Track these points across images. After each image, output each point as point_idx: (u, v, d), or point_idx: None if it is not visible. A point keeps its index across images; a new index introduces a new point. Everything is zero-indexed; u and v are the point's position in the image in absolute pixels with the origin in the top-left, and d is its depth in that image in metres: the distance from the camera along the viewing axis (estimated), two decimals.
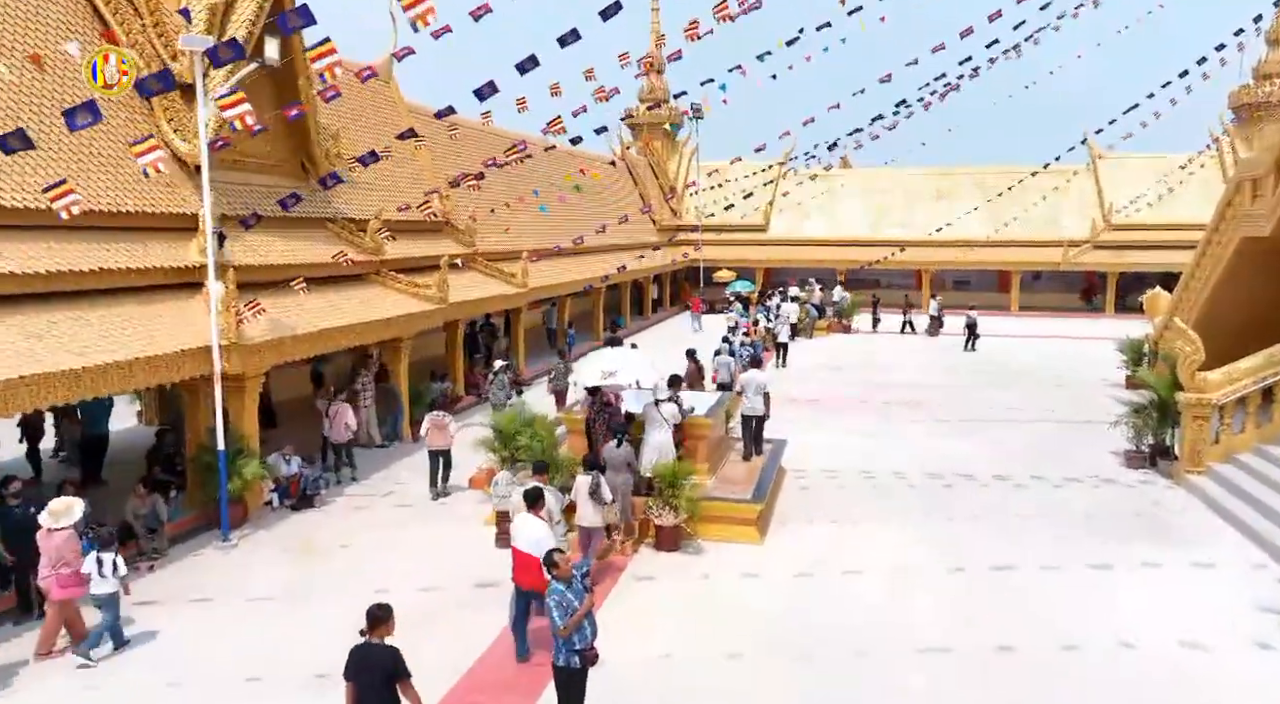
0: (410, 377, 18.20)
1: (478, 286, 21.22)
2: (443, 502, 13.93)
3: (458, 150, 25.16)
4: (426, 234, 21.03)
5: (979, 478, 15.44)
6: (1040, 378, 25.28)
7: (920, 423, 19.62)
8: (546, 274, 26.88)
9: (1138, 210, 39.66)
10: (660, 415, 12.44)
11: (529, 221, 28.71)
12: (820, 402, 22.07)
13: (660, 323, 40.10)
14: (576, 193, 26.20)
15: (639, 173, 46.36)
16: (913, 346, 31.84)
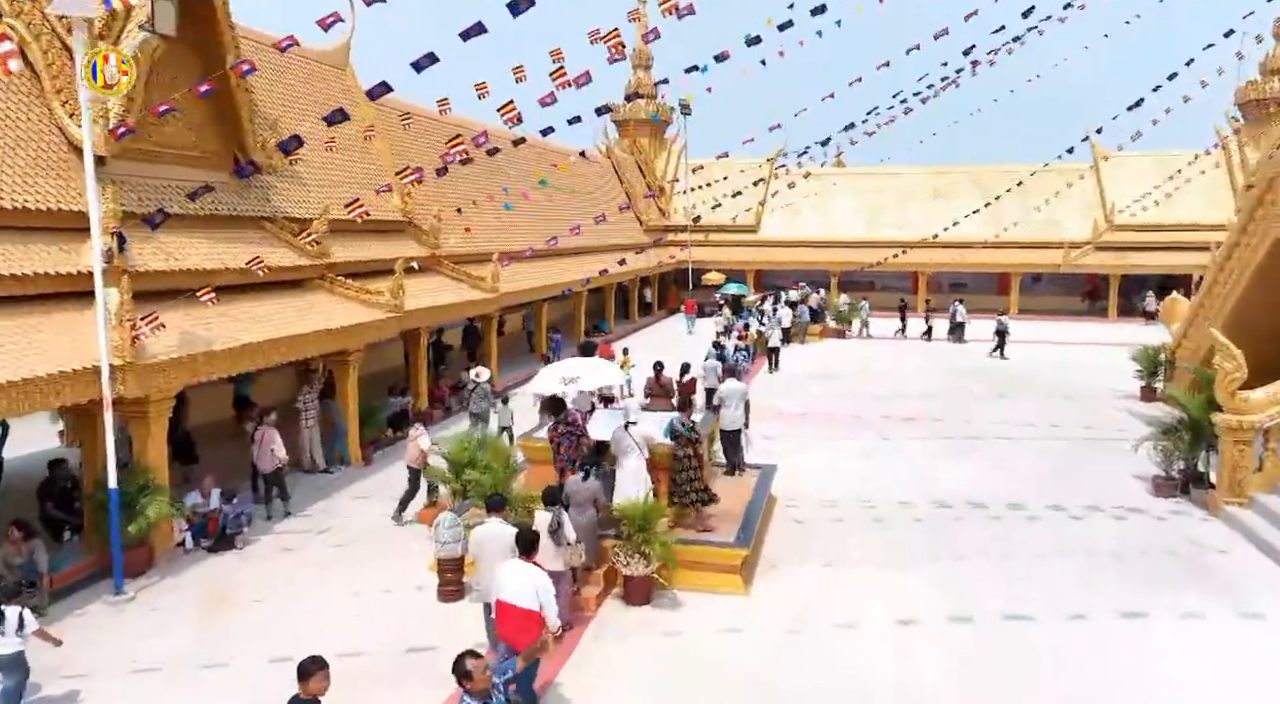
0: (366, 392, 16.57)
1: (441, 292, 19.54)
2: (388, 539, 12.25)
3: (421, 144, 23.44)
4: (385, 235, 19.34)
5: (989, 507, 13.83)
6: (1047, 388, 23.72)
7: (922, 440, 18.01)
8: (522, 278, 25.22)
9: (1145, 210, 38.16)
10: (632, 439, 10.82)
11: (503, 222, 27.05)
12: (812, 416, 20.46)
13: (647, 327, 38.44)
14: (543, 188, 24.46)
15: (625, 172, 44.71)
16: (910, 353, 30.26)
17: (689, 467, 11.07)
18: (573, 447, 11.05)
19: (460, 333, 26.15)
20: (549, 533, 9.19)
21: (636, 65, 48.44)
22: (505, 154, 25.97)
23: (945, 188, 46.33)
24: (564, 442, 11.11)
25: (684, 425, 11.18)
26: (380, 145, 19.90)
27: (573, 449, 11.03)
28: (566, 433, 11.14)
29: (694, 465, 11.13)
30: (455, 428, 18.99)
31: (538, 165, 26.20)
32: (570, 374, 12.35)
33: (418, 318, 17.38)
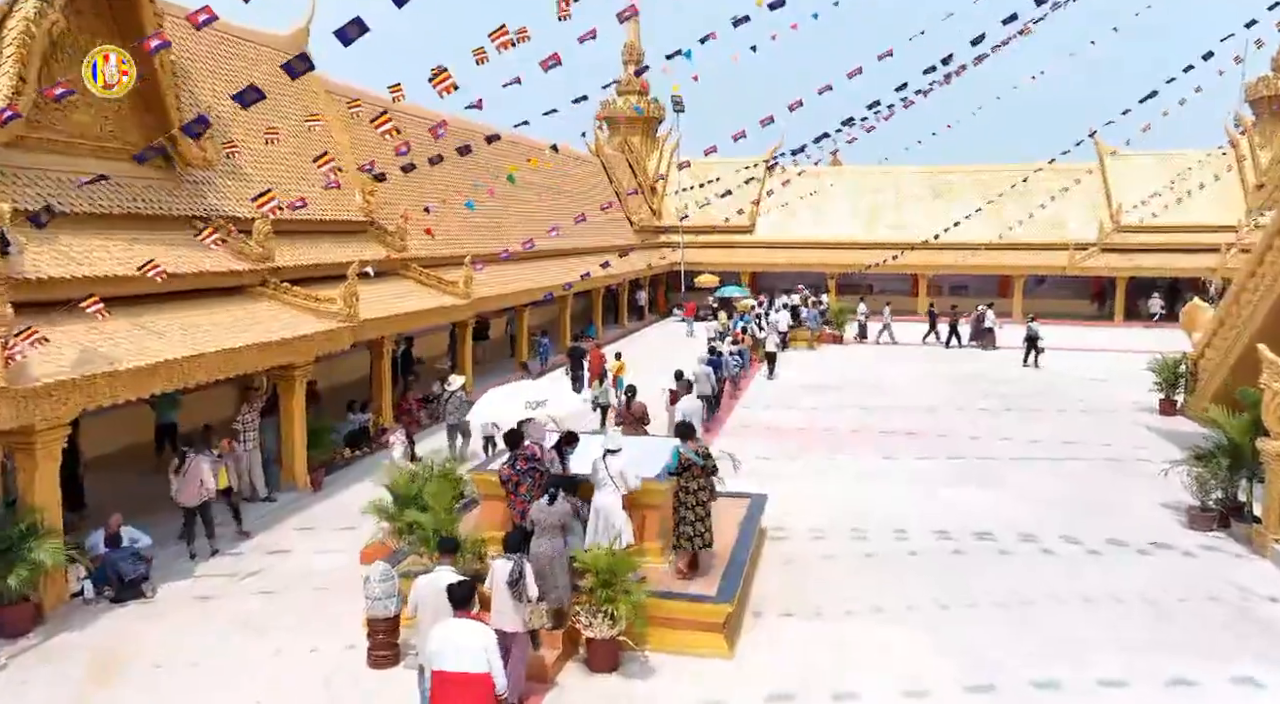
0: (331, 406, 15.14)
1: (407, 298, 18.07)
2: (325, 583, 10.75)
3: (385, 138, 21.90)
4: (343, 236, 17.83)
5: (1002, 541, 12.38)
6: (1058, 400, 22.28)
7: (926, 460, 16.56)
8: (501, 282, 23.76)
9: (1153, 214, 36.76)
10: (606, 472, 9.41)
11: (480, 222, 25.58)
12: (809, 432, 19.00)
13: (639, 332, 36.96)
14: (515, 186, 22.93)
15: (616, 171, 43.24)
16: (912, 360, 28.80)
17: (700, 502, 9.64)
18: (536, 485, 9.61)
19: (446, 340, 24.69)
20: (508, 585, 7.81)
21: (627, 61, 46.96)
22: (484, 150, 24.54)
23: (945, 188, 44.96)
24: (524, 480, 9.67)
25: (698, 454, 9.74)
26: (342, 138, 18.41)
27: (536, 489, 9.59)
28: (528, 470, 9.70)
29: (705, 502, 9.68)
30: (428, 443, 17.61)
31: (514, 163, 24.69)
32: (536, 396, 10.89)
33: (376, 327, 15.89)
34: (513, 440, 10.04)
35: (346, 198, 18.03)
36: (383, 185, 19.45)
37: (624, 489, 9.42)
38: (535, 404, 11.01)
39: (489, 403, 11.04)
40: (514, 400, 10.46)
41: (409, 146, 13.88)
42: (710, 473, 9.84)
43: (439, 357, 24.34)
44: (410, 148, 13.89)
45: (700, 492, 9.67)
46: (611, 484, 9.47)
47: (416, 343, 24.26)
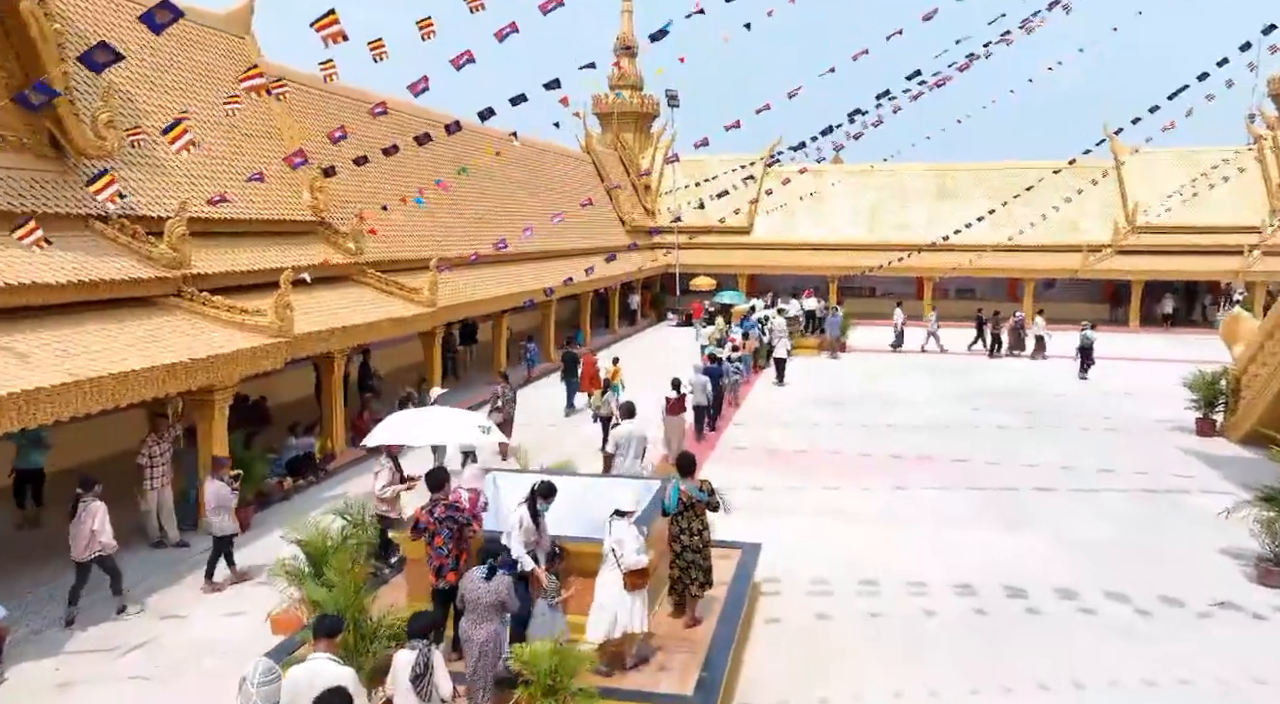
0: (280, 426, 13.28)
1: (360, 307, 16.19)
2: (228, 657, 8.85)
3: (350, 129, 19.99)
4: (286, 238, 15.94)
5: (1035, 597, 10.49)
6: (1084, 416, 20.39)
7: (943, 491, 14.67)
8: (476, 287, 21.89)
9: (1168, 209, 34.91)
10: (623, 539, 7.66)
11: (452, 223, 23.70)
12: (811, 456, 17.12)
13: (631, 337, 35.05)
14: (463, 176, 21.00)
15: (607, 168, 41.36)
16: (920, 372, 26.91)
17: (705, 542, 8.70)
18: (454, 539, 7.81)
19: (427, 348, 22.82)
20: (410, 681, 6.01)
21: (621, 54, 45.09)
22: (453, 144, 22.72)
23: (951, 187, 43.09)
24: (441, 531, 7.84)
25: (701, 490, 8.76)
26: (288, 127, 16.51)
27: (454, 542, 7.79)
28: (446, 518, 7.87)
29: (708, 541, 8.76)
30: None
31: (482, 156, 22.79)
32: (484, 421, 8.99)
33: (319, 341, 14.01)
34: (435, 481, 8.20)
35: (293, 195, 16.15)
36: (339, 182, 17.64)
37: (620, 568, 7.60)
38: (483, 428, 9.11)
39: (391, 423, 9.06)
40: (459, 425, 8.55)
41: (344, 132, 12.02)
42: (714, 509, 8.85)
43: (414, 367, 22.50)
44: (346, 133, 12.01)
45: (705, 531, 8.78)
46: (612, 557, 7.68)
47: (385, 355, 22.41)
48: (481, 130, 22.37)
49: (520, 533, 7.82)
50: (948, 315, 39.74)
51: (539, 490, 8.06)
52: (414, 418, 8.80)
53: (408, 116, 22.22)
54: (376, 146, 14.84)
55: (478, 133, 25.61)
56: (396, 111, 20.81)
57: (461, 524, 7.85)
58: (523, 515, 7.90)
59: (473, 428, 8.38)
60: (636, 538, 7.68)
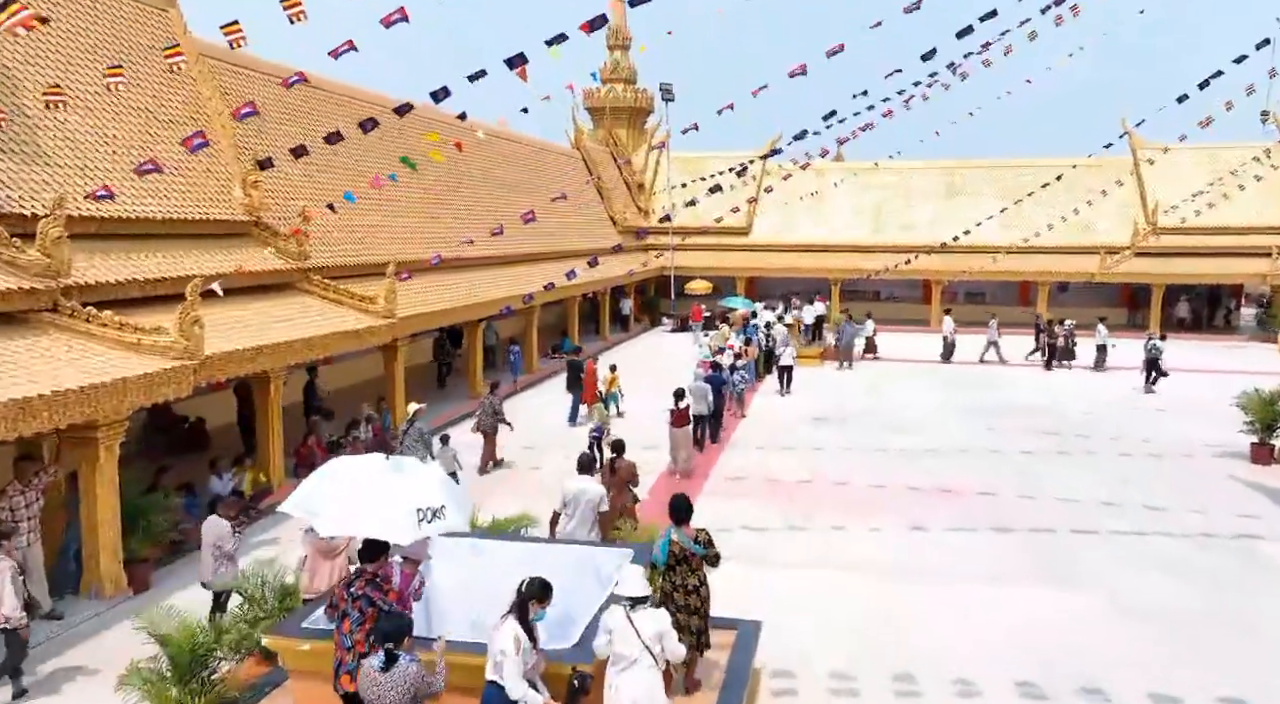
0: (165, 466, 11.24)
1: (303, 320, 14.14)
2: None
3: (297, 116, 17.89)
4: (210, 241, 13.84)
5: (1105, 691, 8.42)
6: (1119, 437, 18.36)
7: (970, 534, 12.63)
8: (445, 294, 19.85)
9: (1197, 212, 32.90)
10: (638, 637, 5.89)
11: (417, 225, 21.63)
12: (816, 487, 15.08)
13: (623, 344, 32.98)
14: (437, 173, 19.01)
15: (598, 165, 39.31)
16: (931, 383, 24.87)
17: (703, 598, 7.45)
18: (362, 623, 5.81)
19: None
20: None
21: (613, 46, 43.09)
22: (413, 135, 20.71)
23: (959, 185, 41.08)
24: (350, 612, 5.85)
25: (697, 542, 7.48)
26: (218, 113, 14.44)
27: (361, 630, 5.80)
28: (362, 596, 5.87)
29: (706, 598, 7.50)
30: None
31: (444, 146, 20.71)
32: (429, 501, 6.55)
33: (239, 362, 11.95)
34: (370, 553, 6.17)
35: (221, 191, 14.11)
36: (283, 177, 15.61)
37: (663, 665, 6.02)
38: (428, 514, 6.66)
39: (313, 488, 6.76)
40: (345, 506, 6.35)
41: (254, 108, 9.98)
42: (714, 563, 7.62)
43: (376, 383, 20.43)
44: (256, 109, 9.96)
45: (702, 587, 7.51)
46: (648, 656, 5.86)
47: (345, 369, 20.38)
48: (450, 122, 20.30)
49: (518, 658, 5.56)
50: (959, 320, 37.75)
51: (529, 593, 5.85)
52: (339, 485, 6.50)
53: (364, 104, 20.18)
54: (315, 131, 12.78)
55: (446, 125, 23.61)
56: (352, 100, 18.85)
57: (377, 608, 5.83)
58: (516, 634, 5.63)
59: (409, 514, 6.11)
60: (673, 634, 6.16)
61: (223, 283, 12.04)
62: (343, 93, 20.70)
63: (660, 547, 7.57)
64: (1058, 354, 27.59)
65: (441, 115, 22.74)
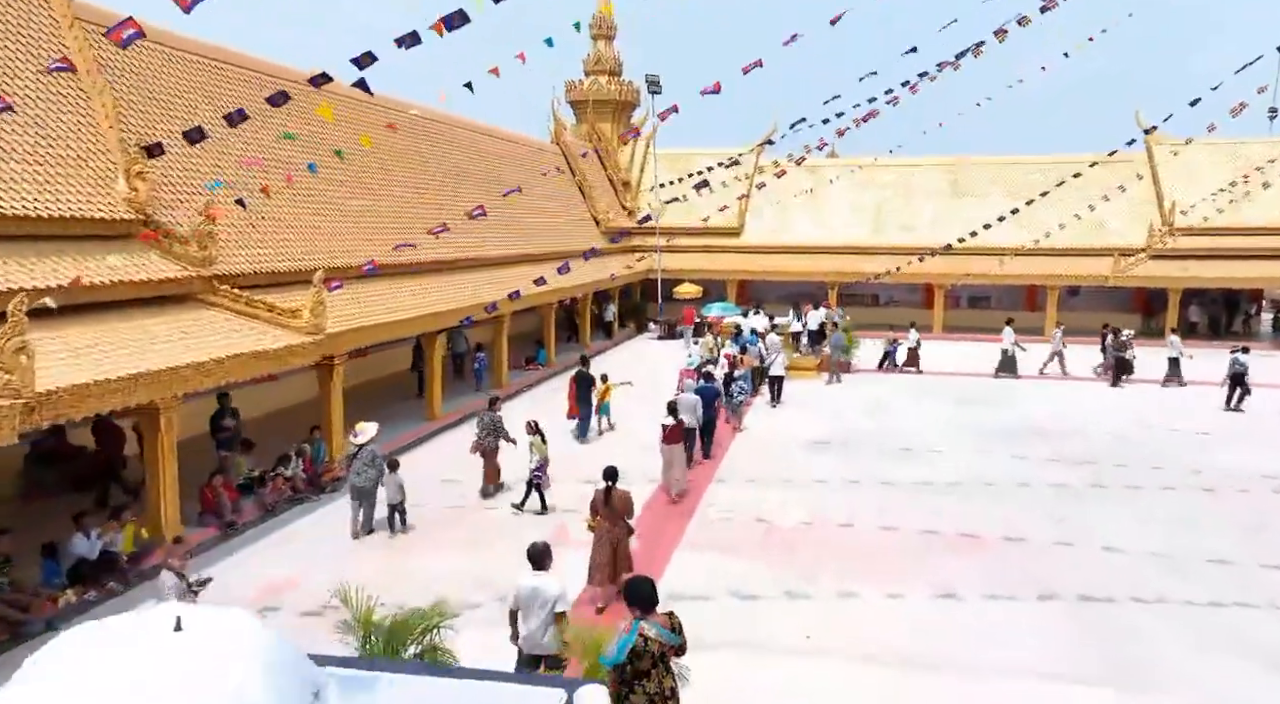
0: None
1: (200, 339, 11.76)
2: None
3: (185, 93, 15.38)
4: (90, 243, 11.48)
5: None
6: (1160, 467, 16.11)
7: (1008, 604, 10.33)
8: (390, 304, 17.51)
9: (1221, 211, 30.77)
10: None
11: (353, 225, 19.23)
12: (816, 533, 12.76)
13: (606, 352, 30.62)
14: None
15: (579, 162, 36.99)
16: (937, 399, 22.60)
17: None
18: None
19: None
20: None
21: (597, 36, 40.77)
22: (346, 121, 18.36)
23: (964, 183, 38.87)
24: None
25: (671, 630, 6.06)
26: (99, 94, 12.05)
27: None
28: None
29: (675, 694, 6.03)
30: (242, 558, 11.52)
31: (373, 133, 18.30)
32: None
33: (107, 396, 9.58)
34: None
35: (98, 185, 11.72)
36: (183, 169, 13.23)
37: None
38: None
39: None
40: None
41: (69, 64, 7.62)
42: (681, 653, 6.19)
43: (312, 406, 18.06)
44: (71, 64, 7.60)
45: (677, 688, 6.07)
46: None
47: (280, 388, 18.02)
48: (382, 104, 18.05)
49: None
50: (960, 327, 35.68)
51: None
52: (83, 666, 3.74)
53: (283, 81, 17.76)
54: (216, 112, 10.42)
55: (387, 110, 21.36)
56: (266, 76, 16.44)
57: None
58: None
59: None
60: None
61: (95, 296, 9.72)
62: (256, 68, 17.75)
63: (619, 644, 5.79)
64: (1127, 368, 24.68)
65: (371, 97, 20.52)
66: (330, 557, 11.83)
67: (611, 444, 17.84)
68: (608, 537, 10.05)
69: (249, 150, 16.15)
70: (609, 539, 10.03)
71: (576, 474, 15.53)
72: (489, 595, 10.42)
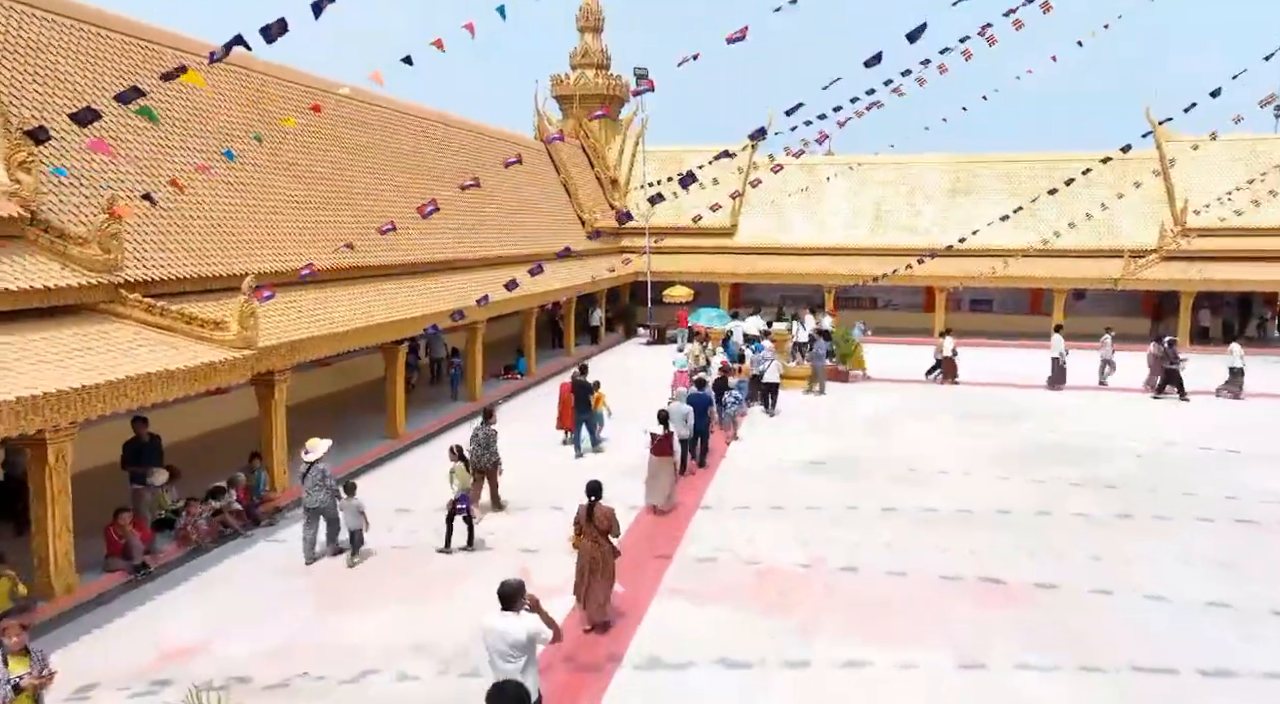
0: None
1: (98, 356, 10.08)
2: None
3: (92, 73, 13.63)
4: None
5: None
6: (1197, 497, 14.47)
7: (1050, 675, 8.66)
8: (345, 308, 15.85)
9: (1240, 213, 29.24)
10: None
11: (298, 225, 17.54)
12: (814, 579, 11.12)
13: (591, 360, 28.95)
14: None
15: (565, 159, 35.34)
16: (942, 414, 21.00)
17: None
18: None
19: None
20: None
21: (584, 28, 39.12)
22: (271, 105, 16.67)
23: (966, 182, 37.31)
24: None
25: None
26: None
27: None
28: None
29: None
30: (150, 611, 9.88)
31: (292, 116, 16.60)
32: None
33: None
34: None
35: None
36: (81, 157, 11.55)
37: None
38: None
39: None
40: None
41: None
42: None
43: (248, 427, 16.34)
44: None
45: None
46: None
47: (210, 410, 16.34)
48: (310, 85, 16.38)
49: None
50: (962, 331, 34.07)
51: None
52: None
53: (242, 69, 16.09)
54: (131, 96, 8.73)
55: (311, 89, 19.76)
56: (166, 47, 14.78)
57: None
58: None
59: None
60: None
61: None
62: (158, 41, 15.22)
63: None
64: (1175, 381, 22.54)
65: (301, 76, 18.85)
66: (254, 610, 10.17)
67: (591, 464, 16.28)
68: (589, 555, 9.44)
69: (194, 140, 14.49)
70: (590, 558, 9.43)
71: (550, 498, 13.97)
72: (429, 666, 8.78)
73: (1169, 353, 22.86)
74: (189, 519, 11.69)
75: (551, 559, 11.46)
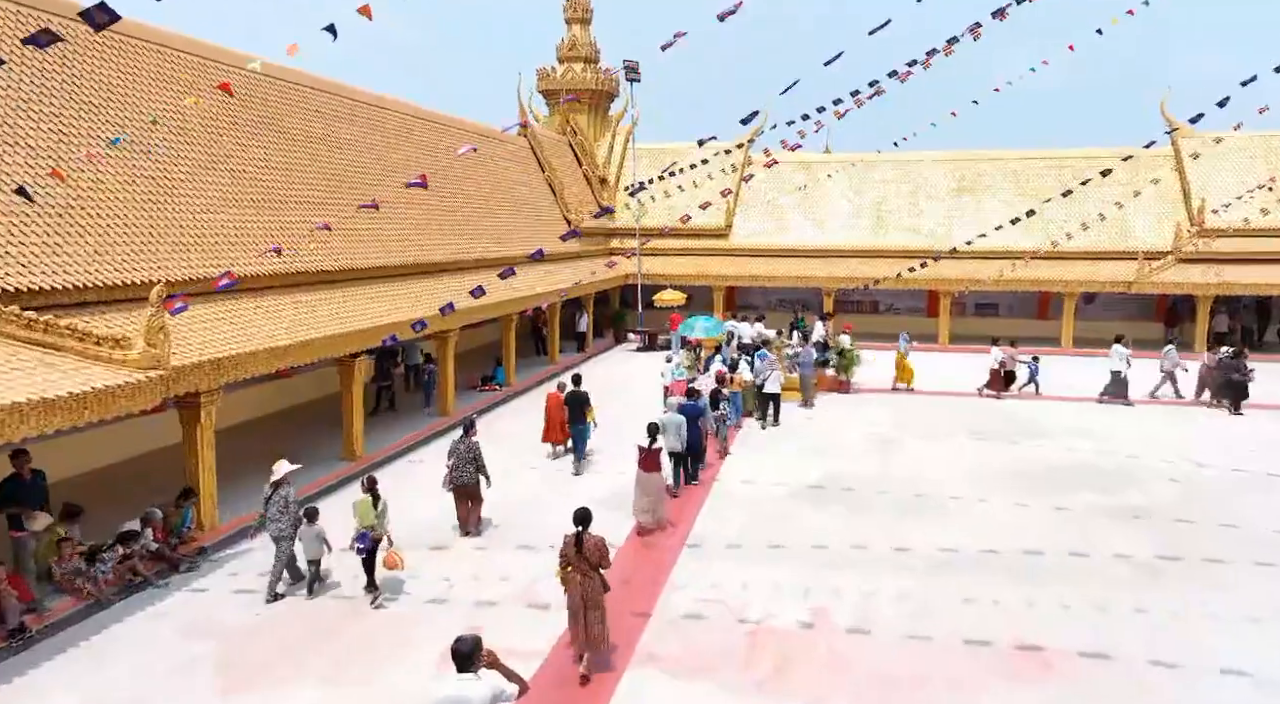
0: None
1: None
2: None
3: None
4: None
5: None
6: (1242, 528, 12.78)
7: None
8: (292, 317, 14.12)
9: (1266, 212, 27.64)
10: None
11: (249, 225, 15.79)
12: (815, 644, 9.40)
13: (577, 368, 27.23)
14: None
15: (550, 156, 33.61)
16: (953, 430, 19.30)
17: None
18: None
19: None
20: None
21: (571, 19, 37.41)
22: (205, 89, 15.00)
23: (972, 181, 35.65)
24: None
25: None
26: None
27: None
28: None
29: None
30: (17, 690, 8.09)
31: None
32: None
33: None
34: None
35: None
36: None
37: None
38: None
39: None
40: None
41: None
42: None
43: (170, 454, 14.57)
44: None
45: None
46: None
47: (128, 436, 14.59)
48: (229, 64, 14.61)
49: None
50: (966, 336, 32.50)
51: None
52: None
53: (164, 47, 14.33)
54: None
55: (217, 63, 18.08)
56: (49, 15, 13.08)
57: None
58: None
59: None
60: None
61: None
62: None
63: None
64: (1241, 391, 20.67)
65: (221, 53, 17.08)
66: (142, 690, 8.44)
67: (575, 485, 14.73)
68: (581, 591, 8.60)
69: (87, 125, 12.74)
70: (582, 594, 8.60)
71: (517, 536, 12.31)
72: None
73: (1236, 364, 20.93)
74: (63, 564, 9.96)
75: (515, 612, 9.76)
